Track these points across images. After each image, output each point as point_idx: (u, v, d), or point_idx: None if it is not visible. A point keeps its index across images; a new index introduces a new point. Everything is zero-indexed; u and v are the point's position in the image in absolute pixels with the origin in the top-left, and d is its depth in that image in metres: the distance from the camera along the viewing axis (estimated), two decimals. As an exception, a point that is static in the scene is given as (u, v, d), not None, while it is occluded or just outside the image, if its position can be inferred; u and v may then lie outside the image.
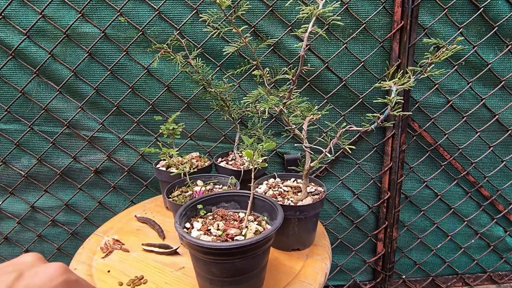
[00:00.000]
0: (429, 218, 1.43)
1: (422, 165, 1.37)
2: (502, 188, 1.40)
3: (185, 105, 1.22)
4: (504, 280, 1.54)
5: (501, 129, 1.34)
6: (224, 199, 0.72)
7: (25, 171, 1.24)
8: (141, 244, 0.84)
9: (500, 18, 1.19)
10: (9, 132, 1.20)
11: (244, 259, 0.57)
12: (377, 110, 1.27)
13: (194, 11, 1.13)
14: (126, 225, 0.96)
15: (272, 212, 0.67)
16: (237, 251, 0.55)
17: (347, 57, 1.21)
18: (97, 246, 0.85)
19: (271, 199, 0.68)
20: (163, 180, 1.01)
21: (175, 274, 0.74)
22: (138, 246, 0.84)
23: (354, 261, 1.47)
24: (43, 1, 1.08)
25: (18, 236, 1.31)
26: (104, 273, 0.75)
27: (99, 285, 0.71)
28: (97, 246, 0.85)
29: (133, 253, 0.82)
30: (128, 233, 0.91)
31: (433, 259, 1.50)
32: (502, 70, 1.26)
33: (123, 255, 0.82)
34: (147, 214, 1.02)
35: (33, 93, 1.17)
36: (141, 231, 0.92)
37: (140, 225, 0.96)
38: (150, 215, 1.01)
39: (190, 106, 1.23)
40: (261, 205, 0.70)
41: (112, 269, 0.76)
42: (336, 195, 1.37)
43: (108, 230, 0.94)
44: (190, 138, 1.27)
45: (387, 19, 1.19)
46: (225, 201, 0.72)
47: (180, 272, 0.75)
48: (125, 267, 0.77)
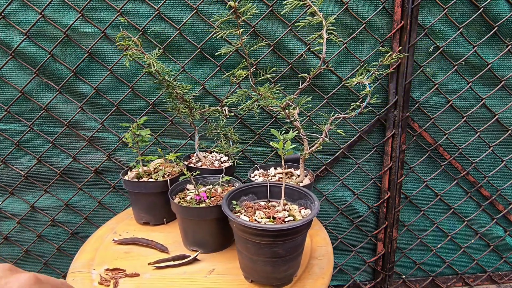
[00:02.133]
0: (429, 218, 1.43)
1: (422, 165, 1.37)
2: (502, 188, 1.40)
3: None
4: (504, 280, 1.54)
5: (501, 129, 1.34)
6: (243, 192, 0.78)
7: (25, 171, 1.24)
8: (147, 264, 0.76)
9: (500, 18, 1.19)
10: (9, 132, 1.20)
11: (303, 234, 0.68)
12: (377, 110, 1.27)
13: (194, 11, 1.13)
14: (107, 252, 0.83)
15: (295, 196, 0.78)
16: (303, 227, 0.64)
17: (347, 57, 1.21)
18: (91, 283, 0.71)
19: (300, 187, 0.77)
20: (137, 192, 0.90)
21: (211, 277, 0.71)
22: (144, 267, 0.75)
23: (354, 261, 1.47)
24: (43, 1, 1.08)
25: (18, 236, 1.31)
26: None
27: None
28: (91, 283, 0.71)
29: (146, 275, 0.73)
30: (117, 259, 0.79)
31: (433, 259, 1.50)
32: (502, 70, 1.26)
33: (135, 280, 0.71)
34: (124, 235, 0.90)
35: (33, 93, 1.17)
36: (132, 253, 0.82)
37: (126, 247, 0.84)
38: (129, 234, 0.90)
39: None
40: (288, 193, 0.79)
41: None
42: (336, 195, 1.37)
43: (89, 262, 0.78)
44: (190, 138, 1.27)
45: (387, 19, 1.19)
46: (244, 194, 0.79)
47: (214, 274, 0.73)
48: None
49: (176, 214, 0.82)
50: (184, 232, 0.83)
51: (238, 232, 0.66)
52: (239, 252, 0.71)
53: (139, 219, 0.96)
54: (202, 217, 0.78)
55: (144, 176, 0.94)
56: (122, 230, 0.94)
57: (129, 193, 0.94)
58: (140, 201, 0.92)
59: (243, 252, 0.68)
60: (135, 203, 0.95)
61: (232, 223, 0.67)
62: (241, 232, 0.65)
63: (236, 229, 0.67)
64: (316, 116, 1.28)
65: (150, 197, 0.91)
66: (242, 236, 0.66)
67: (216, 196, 0.84)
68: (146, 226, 0.96)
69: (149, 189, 0.90)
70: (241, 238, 0.66)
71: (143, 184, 0.90)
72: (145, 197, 0.90)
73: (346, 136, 1.31)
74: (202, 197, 0.80)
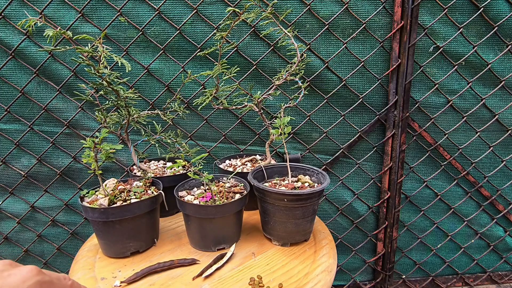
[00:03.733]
0: (429, 218, 1.43)
1: (422, 165, 1.37)
2: (502, 188, 1.40)
3: (185, 104, 1.22)
4: (504, 280, 1.54)
5: (501, 129, 1.34)
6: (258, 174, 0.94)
7: (25, 171, 1.24)
8: (192, 279, 0.72)
9: (500, 18, 1.19)
10: (9, 132, 1.20)
11: (319, 199, 0.85)
12: (377, 110, 1.27)
13: (194, 11, 1.13)
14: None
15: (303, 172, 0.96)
16: (320, 192, 0.81)
17: (347, 57, 1.21)
18: None
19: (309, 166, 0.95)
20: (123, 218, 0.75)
21: (259, 258, 0.80)
22: (190, 284, 0.71)
23: (354, 261, 1.47)
24: (43, 1, 1.08)
25: (18, 236, 1.31)
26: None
27: None
28: None
29: (204, 287, 0.70)
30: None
31: (433, 259, 1.50)
32: (502, 70, 1.26)
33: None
34: (120, 275, 0.74)
35: (33, 93, 1.17)
36: (158, 283, 0.71)
37: (143, 282, 0.72)
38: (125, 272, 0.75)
39: (190, 106, 1.23)
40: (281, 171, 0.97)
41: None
42: (336, 195, 1.37)
43: None
44: (190, 138, 1.27)
45: (387, 19, 1.19)
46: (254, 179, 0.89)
47: (259, 255, 0.81)
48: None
49: (194, 219, 0.79)
50: (204, 236, 0.81)
51: (288, 204, 0.78)
52: (279, 224, 0.82)
53: (125, 251, 0.79)
54: (229, 212, 0.79)
55: (115, 200, 0.80)
56: (110, 272, 0.75)
57: (103, 224, 0.75)
58: (126, 228, 0.77)
59: (289, 221, 0.81)
60: (116, 233, 0.77)
61: (283, 197, 0.78)
62: (292, 203, 0.78)
63: (286, 202, 0.78)
64: (316, 116, 1.28)
65: (141, 219, 0.79)
66: (292, 206, 0.79)
67: (223, 192, 0.84)
68: (136, 255, 0.81)
69: (140, 209, 0.77)
70: (289, 208, 0.79)
71: (133, 206, 0.76)
72: (133, 221, 0.77)
73: (346, 136, 1.31)
74: (213, 197, 0.81)
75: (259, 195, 0.84)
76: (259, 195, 0.83)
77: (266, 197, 0.80)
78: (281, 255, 0.81)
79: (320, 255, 0.83)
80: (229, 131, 1.27)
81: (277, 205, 0.79)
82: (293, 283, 0.72)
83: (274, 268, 0.76)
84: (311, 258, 0.81)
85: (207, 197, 0.80)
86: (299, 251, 0.83)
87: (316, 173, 0.91)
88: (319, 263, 0.79)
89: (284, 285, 0.71)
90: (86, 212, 0.76)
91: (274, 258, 0.80)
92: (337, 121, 1.28)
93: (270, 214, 0.82)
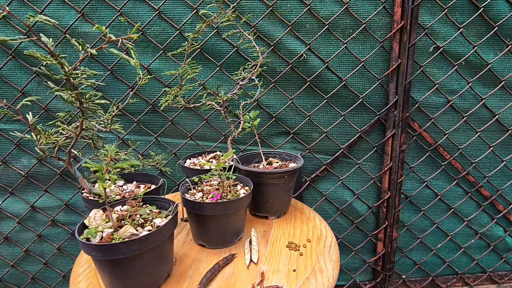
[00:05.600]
0: (429, 218, 1.43)
1: (422, 165, 1.37)
2: (502, 188, 1.40)
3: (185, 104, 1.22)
4: (504, 280, 1.54)
5: (501, 129, 1.34)
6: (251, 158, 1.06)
7: (25, 171, 1.24)
8: (247, 269, 0.74)
9: (500, 18, 1.19)
10: (9, 132, 1.20)
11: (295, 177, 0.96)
12: (377, 110, 1.27)
13: (194, 11, 1.13)
14: None
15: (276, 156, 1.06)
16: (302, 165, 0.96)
17: (347, 57, 1.21)
18: None
19: (282, 151, 1.06)
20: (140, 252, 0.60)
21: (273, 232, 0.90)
22: (249, 273, 0.73)
23: (354, 261, 1.47)
24: (43, 1, 1.08)
25: (18, 236, 1.31)
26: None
27: None
28: None
29: (262, 268, 0.74)
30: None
31: (433, 259, 1.50)
32: (502, 70, 1.26)
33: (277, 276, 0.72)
34: None
35: (33, 93, 1.17)
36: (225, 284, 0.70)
37: None
38: None
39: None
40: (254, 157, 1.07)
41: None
42: (336, 195, 1.37)
43: None
44: (190, 138, 1.27)
45: (387, 19, 1.19)
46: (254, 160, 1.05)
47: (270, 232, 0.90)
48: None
49: (213, 218, 0.77)
50: (224, 232, 0.81)
51: (287, 178, 0.91)
52: (277, 199, 0.94)
53: (159, 279, 0.68)
54: (241, 206, 0.80)
55: (136, 228, 0.66)
56: None
57: (134, 258, 0.60)
58: (161, 253, 0.66)
59: (285, 194, 0.95)
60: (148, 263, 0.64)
61: (284, 174, 0.90)
62: (290, 177, 0.92)
63: (287, 177, 0.90)
64: (316, 116, 1.28)
65: (168, 240, 0.69)
66: (289, 180, 0.92)
67: (224, 189, 0.84)
68: (168, 280, 0.72)
69: (169, 231, 0.67)
70: (286, 182, 0.92)
71: (165, 229, 0.65)
72: (163, 244, 0.67)
73: (346, 136, 1.31)
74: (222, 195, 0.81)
75: (257, 179, 0.91)
76: (257, 179, 0.91)
77: (268, 179, 0.90)
78: (284, 224, 0.94)
79: (307, 213, 1.01)
80: (229, 131, 1.27)
81: (277, 183, 0.91)
82: (313, 235, 0.89)
83: (292, 233, 0.90)
84: (304, 217, 0.98)
85: (217, 196, 0.80)
86: (292, 217, 0.99)
87: (279, 154, 1.05)
88: (312, 218, 0.98)
89: (310, 239, 0.87)
90: (115, 250, 0.58)
91: (283, 228, 0.92)
92: (337, 121, 1.28)
93: (269, 193, 0.93)
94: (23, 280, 1.36)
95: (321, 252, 0.82)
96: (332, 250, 0.83)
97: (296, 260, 0.78)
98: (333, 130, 1.30)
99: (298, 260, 0.78)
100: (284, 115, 1.27)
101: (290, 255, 0.80)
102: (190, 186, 0.86)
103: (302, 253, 0.81)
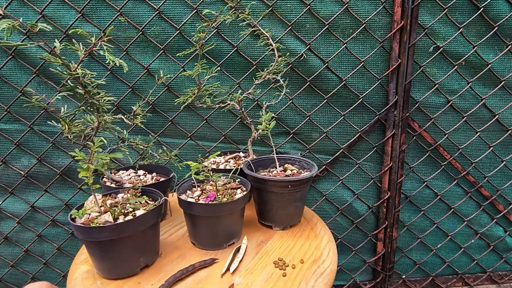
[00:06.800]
0: (429, 218, 1.43)
1: (422, 165, 1.37)
2: (502, 188, 1.40)
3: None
4: (504, 280, 1.54)
5: (501, 129, 1.34)
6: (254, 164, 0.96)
7: (25, 171, 1.24)
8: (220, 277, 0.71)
9: (500, 18, 1.19)
10: (9, 132, 1.20)
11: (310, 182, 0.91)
12: (377, 110, 1.27)
13: (194, 11, 1.13)
14: None
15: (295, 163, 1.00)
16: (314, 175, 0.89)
17: (347, 57, 1.21)
18: None
19: (301, 158, 0.99)
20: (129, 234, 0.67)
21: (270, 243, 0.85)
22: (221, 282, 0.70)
23: (354, 261, 1.47)
24: (43, 1, 1.08)
25: (18, 236, 1.31)
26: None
27: None
28: None
29: (236, 280, 0.70)
30: None
31: (433, 259, 1.50)
32: (502, 70, 1.26)
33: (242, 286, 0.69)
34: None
35: (33, 93, 1.17)
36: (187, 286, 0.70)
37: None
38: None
39: (190, 105, 1.23)
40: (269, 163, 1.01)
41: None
42: (336, 195, 1.37)
43: None
44: (190, 138, 1.27)
45: (387, 19, 1.19)
46: None
47: (268, 242, 0.85)
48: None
49: (202, 219, 0.77)
50: (214, 234, 0.80)
51: (292, 189, 0.84)
52: (281, 210, 0.87)
53: (135, 268, 0.72)
54: (233, 209, 0.79)
55: (118, 216, 0.71)
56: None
57: (110, 243, 0.66)
58: (136, 243, 0.71)
59: (290, 205, 0.87)
60: (127, 250, 0.69)
61: (287, 183, 0.83)
62: (294, 188, 0.84)
63: (290, 188, 0.83)
64: (316, 116, 1.28)
65: (149, 231, 0.74)
66: (294, 191, 0.84)
67: (222, 190, 0.84)
68: (145, 270, 0.74)
69: (148, 221, 0.71)
70: (291, 193, 0.84)
71: (143, 219, 0.70)
72: (143, 234, 0.72)
73: (346, 136, 1.31)
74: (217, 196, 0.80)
75: (261, 186, 0.86)
76: (261, 186, 0.86)
77: (271, 186, 0.85)
78: (286, 237, 0.87)
79: (317, 230, 0.92)
80: (229, 131, 1.27)
81: (280, 192, 0.85)
82: (311, 256, 0.80)
83: (288, 248, 0.82)
84: (312, 234, 0.89)
85: (211, 196, 0.80)
86: (299, 231, 0.91)
87: (298, 161, 0.98)
88: (321, 236, 0.89)
89: (305, 259, 0.78)
90: (89, 233, 0.65)
91: (283, 241, 0.86)
92: (337, 121, 1.28)
93: (272, 202, 0.87)
94: (23, 280, 1.36)
95: (307, 278, 0.71)
96: (322, 278, 0.72)
97: (276, 281, 0.70)
98: (333, 130, 1.30)
99: (278, 280, 0.70)
100: (284, 115, 1.27)
101: (272, 273, 0.72)
102: (195, 184, 0.87)
103: (286, 273, 0.72)
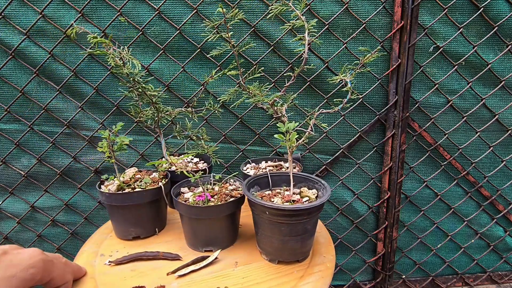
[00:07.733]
0: (429, 218, 1.43)
1: (422, 165, 1.37)
2: (502, 188, 1.40)
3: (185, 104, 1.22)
4: (504, 280, 1.54)
5: (501, 129, 1.34)
6: (251, 185, 0.83)
7: (25, 171, 1.24)
8: (166, 275, 0.70)
9: (500, 18, 1.19)
10: (9, 132, 1.20)
11: (310, 218, 0.71)
12: (377, 110, 1.27)
13: (194, 11, 1.13)
14: (108, 277, 0.71)
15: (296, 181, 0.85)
16: (306, 210, 0.69)
17: (347, 57, 1.21)
18: None
19: (313, 176, 0.84)
20: (125, 205, 0.81)
21: (239, 269, 0.73)
22: (164, 279, 0.70)
23: (354, 261, 1.48)
24: (43, 1, 1.08)
25: (18, 236, 1.31)
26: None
27: None
28: None
29: (173, 284, 0.68)
30: (127, 280, 0.70)
31: (433, 259, 1.50)
32: (502, 70, 1.26)
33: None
34: (115, 255, 0.79)
35: (33, 93, 1.17)
36: (140, 269, 0.74)
37: (129, 266, 0.75)
38: (121, 253, 0.79)
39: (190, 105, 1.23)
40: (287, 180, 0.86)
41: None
42: (336, 195, 1.37)
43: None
44: (190, 138, 1.27)
45: (387, 19, 1.19)
46: (251, 186, 0.82)
47: (240, 266, 0.75)
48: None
49: (185, 217, 0.79)
50: (194, 235, 0.80)
51: (272, 218, 0.70)
52: (266, 237, 0.75)
53: (127, 235, 0.85)
54: (217, 215, 0.77)
55: (125, 188, 0.84)
56: (110, 251, 0.81)
57: (110, 207, 0.83)
58: (128, 214, 0.83)
59: (274, 236, 0.73)
60: (120, 217, 0.84)
61: (265, 209, 0.69)
62: (275, 217, 0.69)
63: (269, 215, 0.69)
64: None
65: (142, 208, 0.83)
66: (276, 221, 0.70)
67: (221, 194, 0.83)
68: (137, 240, 0.85)
69: (141, 199, 0.81)
70: (273, 223, 0.70)
71: (135, 195, 0.80)
72: (135, 208, 0.82)
73: (346, 136, 1.31)
74: (207, 197, 0.80)
75: (249, 203, 0.76)
76: (249, 202, 0.76)
77: (252, 206, 0.74)
78: (263, 271, 0.73)
79: (303, 282, 0.70)
80: (229, 131, 1.27)
81: (261, 216, 0.72)
82: None
83: (248, 283, 0.69)
84: (292, 282, 0.70)
85: (202, 196, 0.80)
86: (285, 271, 0.74)
87: (322, 188, 0.80)
88: (303, 284, 0.69)
89: None
90: (100, 195, 0.83)
91: (254, 273, 0.73)
92: (337, 121, 1.28)
93: (257, 225, 0.76)
94: (23, 280, 1.36)
95: None
96: None
97: None
98: (333, 130, 1.30)
99: None
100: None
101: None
102: (211, 181, 0.89)
103: None
